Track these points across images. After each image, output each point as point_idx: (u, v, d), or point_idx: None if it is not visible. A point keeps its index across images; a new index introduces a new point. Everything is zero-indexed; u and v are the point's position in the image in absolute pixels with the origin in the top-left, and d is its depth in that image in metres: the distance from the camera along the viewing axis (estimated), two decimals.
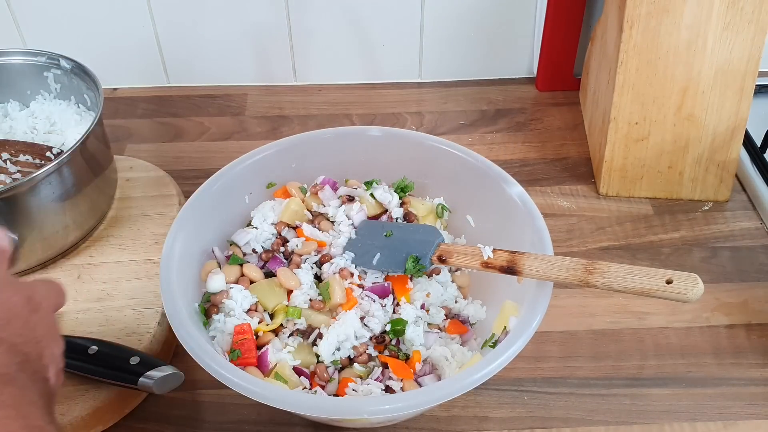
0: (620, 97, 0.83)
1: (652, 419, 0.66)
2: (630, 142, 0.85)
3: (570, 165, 0.94)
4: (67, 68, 0.82)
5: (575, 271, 0.58)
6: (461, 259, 0.66)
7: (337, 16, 1.02)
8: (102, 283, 0.73)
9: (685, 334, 0.74)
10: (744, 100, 0.81)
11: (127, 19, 1.01)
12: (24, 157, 0.78)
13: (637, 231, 0.85)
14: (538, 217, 0.66)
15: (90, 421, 0.64)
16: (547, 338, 0.73)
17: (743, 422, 0.66)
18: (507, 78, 1.10)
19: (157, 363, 0.62)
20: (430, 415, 0.67)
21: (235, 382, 0.54)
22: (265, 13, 1.01)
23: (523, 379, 0.69)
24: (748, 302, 0.76)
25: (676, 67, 0.80)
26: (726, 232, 0.84)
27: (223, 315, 0.65)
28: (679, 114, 0.83)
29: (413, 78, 1.10)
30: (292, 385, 0.62)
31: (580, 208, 0.88)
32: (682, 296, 0.53)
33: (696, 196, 0.88)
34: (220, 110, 1.04)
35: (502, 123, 1.02)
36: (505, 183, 0.69)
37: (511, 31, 1.05)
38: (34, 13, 1.01)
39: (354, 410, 0.54)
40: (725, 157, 0.85)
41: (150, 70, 1.07)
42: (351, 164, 0.77)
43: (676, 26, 0.78)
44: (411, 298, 0.69)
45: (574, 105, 1.04)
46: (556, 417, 0.67)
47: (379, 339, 0.66)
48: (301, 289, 0.67)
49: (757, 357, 0.71)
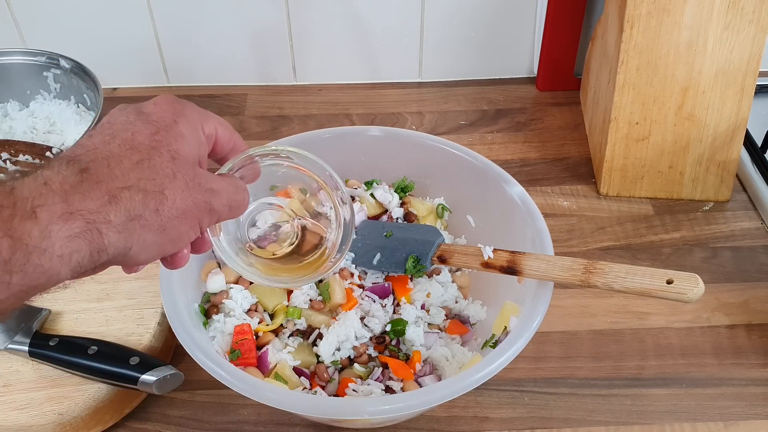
0: (621, 96, 0.82)
1: (653, 419, 0.66)
2: (630, 142, 0.85)
3: (570, 165, 0.94)
4: (66, 68, 0.82)
5: (576, 271, 0.58)
6: (461, 260, 0.66)
7: (337, 16, 1.02)
8: (102, 283, 0.73)
9: (686, 334, 0.73)
10: (744, 100, 0.81)
11: (127, 19, 1.01)
12: (24, 157, 0.78)
13: (637, 231, 0.85)
14: (538, 217, 0.66)
15: (90, 421, 0.64)
16: (548, 338, 0.73)
17: (744, 422, 0.66)
18: (507, 78, 1.10)
19: (157, 363, 0.62)
20: (431, 415, 0.66)
21: (235, 382, 0.54)
22: (265, 13, 1.01)
23: (523, 380, 0.69)
24: (748, 302, 0.76)
25: (676, 67, 0.80)
26: (726, 232, 0.84)
27: (223, 315, 0.65)
28: (680, 114, 0.83)
29: (413, 78, 1.09)
30: (292, 385, 0.62)
31: (581, 208, 0.88)
32: (683, 296, 0.53)
33: (696, 196, 0.88)
34: (219, 110, 1.04)
35: (503, 123, 1.02)
36: (505, 183, 0.69)
37: (511, 31, 1.05)
38: (34, 12, 1.01)
39: (354, 411, 0.54)
40: (726, 157, 0.85)
41: (150, 70, 1.06)
42: (351, 164, 0.77)
43: (677, 26, 0.78)
44: (411, 299, 0.69)
45: (574, 105, 1.04)
46: (557, 417, 0.66)
47: (380, 339, 0.66)
48: (301, 289, 0.67)
49: (757, 357, 0.71)
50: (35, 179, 0.35)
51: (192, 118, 0.44)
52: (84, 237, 0.35)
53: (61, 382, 0.64)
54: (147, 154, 0.39)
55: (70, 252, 0.34)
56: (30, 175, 0.35)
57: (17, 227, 0.32)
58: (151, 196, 0.38)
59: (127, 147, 0.39)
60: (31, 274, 0.33)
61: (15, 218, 0.32)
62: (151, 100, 0.44)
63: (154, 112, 0.43)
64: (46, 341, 0.65)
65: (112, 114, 0.43)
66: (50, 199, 0.34)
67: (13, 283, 0.32)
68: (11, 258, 0.32)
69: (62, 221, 0.34)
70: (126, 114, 0.42)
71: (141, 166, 0.39)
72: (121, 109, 0.43)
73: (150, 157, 0.39)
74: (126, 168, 0.38)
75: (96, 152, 0.38)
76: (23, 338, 0.65)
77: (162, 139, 0.41)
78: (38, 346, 0.65)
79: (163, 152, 0.40)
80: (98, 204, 0.36)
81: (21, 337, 0.66)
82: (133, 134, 0.40)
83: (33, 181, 0.35)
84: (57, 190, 0.34)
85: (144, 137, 0.40)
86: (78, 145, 0.39)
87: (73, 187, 0.35)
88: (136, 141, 0.40)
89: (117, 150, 0.39)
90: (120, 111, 0.43)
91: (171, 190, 0.40)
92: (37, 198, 0.33)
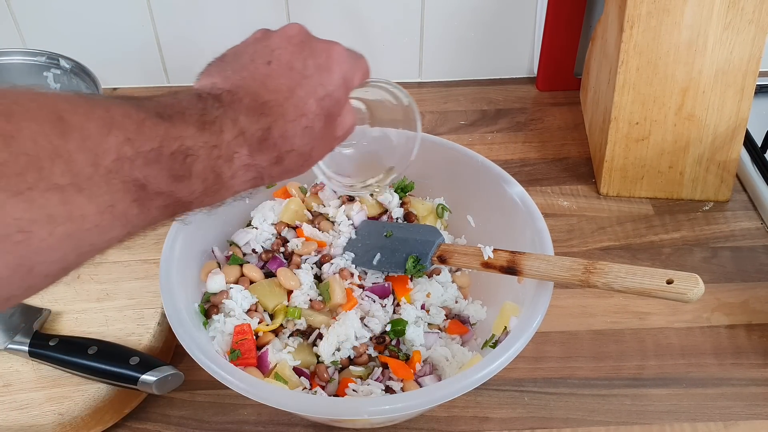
0: (621, 96, 0.82)
1: (653, 419, 0.66)
2: (630, 141, 0.85)
3: (570, 165, 0.94)
4: (66, 68, 0.82)
5: (576, 271, 0.58)
6: (461, 260, 0.66)
7: (337, 16, 1.02)
8: (102, 283, 0.73)
9: (686, 334, 0.73)
10: (744, 100, 0.81)
11: (127, 19, 1.01)
12: None
13: (637, 231, 0.85)
14: (538, 217, 0.66)
15: (90, 421, 0.64)
16: (548, 338, 0.73)
17: (744, 422, 0.66)
18: (507, 78, 1.09)
19: (157, 363, 0.62)
20: (431, 415, 0.66)
21: (235, 382, 0.54)
22: (265, 13, 1.01)
23: (523, 380, 0.69)
24: (748, 302, 0.76)
25: (676, 67, 0.80)
26: (726, 232, 0.84)
27: (223, 315, 0.65)
28: (680, 114, 0.83)
29: (413, 78, 1.09)
30: (292, 385, 0.62)
31: (581, 208, 0.88)
32: (683, 296, 0.53)
33: (696, 196, 0.88)
34: None
35: (503, 123, 1.02)
36: (505, 183, 0.69)
37: (511, 30, 1.05)
38: (33, 12, 1.01)
39: (354, 411, 0.54)
40: (726, 157, 0.85)
41: (150, 70, 1.06)
42: None
43: (677, 26, 0.78)
44: (411, 299, 0.69)
45: (574, 105, 1.04)
46: (557, 417, 0.66)
47: (380, 339, 0.66)
48: (301, 289, 0.67)
49: (757, 357, 0.71)
50: (234, 124, 0.42)
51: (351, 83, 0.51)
52: (253, 182, 0.45)
53: (61, 382, 0.64)
54: (312, 122, 0.47)
55: (242, 189, 0.45)
56: (229, 112, 0.43)
57: (221, 166, 0.42)
58: (304, 157, 0.48)
59: (299, 113, 0.46)
60: (216, 199, 0.43)
61: (220, 159, 0.41)
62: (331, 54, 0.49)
63: (333, 92, 0.48)
64: (46, 341, 0.65)
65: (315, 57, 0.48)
66: (243, 149, 0.43)
67: (205, 202, 0.43)
68: (212, 187, 0.42)
69: (244, 169, 0.43)
70: (315, 83, 0.47)
71: (305, 132, 0.46)
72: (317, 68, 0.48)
73: (312, 125, 0.47)
74: (296, 132, 0.46)
75: (282, 108, 0.45)
76: (23, 338, 0.65)
77: (328, 107, 0.48)
78: (38, 346, 0.65)
79: (322, 119, 0.48)
80: (269, 161, 0.45)
81: (21, 337, 0.66)
82: (310, 103, 0.47)
83: (233, 126, 0.42)
84: (247, 142, 0.43)
85: (313, 103, 0.47)
86: (271, 90, 0.45)
87: (259, 143, 0.44)
88: (308, 110, 0.46)
89: (292, 114, 0.45)
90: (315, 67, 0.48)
91: (317, 150, 0.49)
92: (234, 145, 0.42)
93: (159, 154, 0.38)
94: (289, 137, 0.45)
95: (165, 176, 0.38)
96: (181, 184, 0.39)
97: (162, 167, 0.38)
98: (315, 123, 0.47)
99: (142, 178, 0.37)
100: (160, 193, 0.38)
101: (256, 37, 0.49)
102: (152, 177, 0.38)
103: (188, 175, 0.40)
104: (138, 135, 0.37)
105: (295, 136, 0.46)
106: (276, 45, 0.47)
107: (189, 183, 0.40)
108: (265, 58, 0.46)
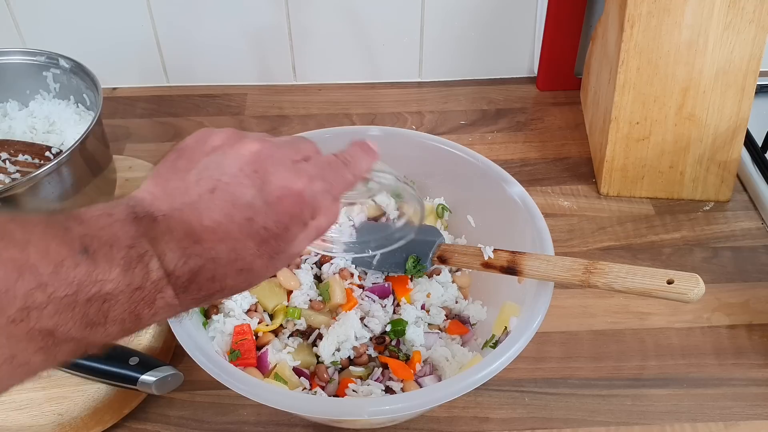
0: (621, 96, 0.82)
1: (653, 420, 0.66)
2: (631, 141, 0.85)
3: (571, 165, 0.94)
4: (66, 68, 0.82)
5: (576, 271, 0.58)
6: (462, 260, 0.66)
7: (337, 16, 1.02)
8: None
9: (686, 334, 0.73)
10: (745, 100, 0.81)
11: (127, 18, 1.01)
12: (23, 157, 0.78)
13: (638, 231, 0.85)
14: (538, 217, 0.66)
15: (89, 422, 0.64)
16: (548, 339, 0.73)
17: (744, 423, 0.65)
18: (507, 77, 1.09)
19: (156, 363, 0.62)
20: (431, 415, 0.66)
21: (235, 383, 0.53)
22: (265, 12, 1.01)
23: (523, 380, 0.69)
24: (749, 302, 0.76)
25: (677, 67, 0.80)
26: (727, 232, 0.84)
27: (223, 315, 0.65)
28: (680, 114, 0.82)
29: (413, 78, 1.09)
30: (292, 385, 0.62)
31: (581, 208, 0.88)
32: (683, 296, 0.53)
33: (697, 196, 0.88)
34: (219, 110, 1.04)
35: (503, 123, 1.01)
36: (505, 183, 0.69)
37: (511, 30, 1.05)
38: (33, 12, 1.01)
39: (354, 411, 0.54)
40: (726, 157, 0.84)
41: (149, 69, 1.06)
42: None
43: (677, 26, 0.78)
44: (411, 299, 0.69)
45: (574, 105, 1.04)
46: (557, 418, 0.66)
47: (380, 339, 0.66)
48: (300, 289, 0.67)
49: (758, 357, 0.71)
50: (161, 263, 0.38)
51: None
52: (176, 314, 0.41)
53: (61, 382, 0.64)
54: (250, 264, 0.42)
55: (162, 320, 0.44)
56: (159, 246, 0.39)
57: (141, 309, 0.38)
58: (238, 288, 0.43)
59: (233, 257, 0.41)
60: (131, 333, 0.39)
61: (142, 302, 0.38)
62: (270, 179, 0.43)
63: (274, 217, 0.43)
64: None
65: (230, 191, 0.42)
66: (168, 290, 0.39)
67: (118, 338, 0.38)
68: (128, 328, 0.38)
69: (167, 308, 0.39)
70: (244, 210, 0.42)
71: (239, 274, 0.42)
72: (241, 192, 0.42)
73: (249, 267, 0.42)
74: (227, 274, 0.41)
75: (214, 251, 0.40)
76: None
77: (271, 250, 0.43)
78: None
79: (266, 257, 0.43)
80: (195, 300, 0.41)
81: None
82: (242, 243, 0.42)
83: (159, 266, 0.38)
84: (172, 284, 0.39)
85: (253, 246, 0.42)
86: (206, 228, 0.40)
87: (185, 285, 0.40)
88: (245, 253, 0.42)
89: (225, 258, 0.41)
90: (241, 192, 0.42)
91: (261, 277, 0.44)
92: (160, 286, 0.38)
93: (74, 301, 0.34)
94: (218, 279, 0.41)
95: (78, 324, 0.35)
96: (94, 330, 0.36)
97: (75, 314, 0.34)
98: (255, 263, 0.42)
99: (50, 326, 0.33)
100: (70, 339, 0.35)
101: (215, 146, 0.43)
102: (62, 325, 0.34)
103: (103, 321, 0.36)
104: (53, 279, 0.33)
105: (226, 277, 0.41)
106: (228, 168, 0.42)
107: (104, 329, 0.36)
108: (210, 185, 0.41)
